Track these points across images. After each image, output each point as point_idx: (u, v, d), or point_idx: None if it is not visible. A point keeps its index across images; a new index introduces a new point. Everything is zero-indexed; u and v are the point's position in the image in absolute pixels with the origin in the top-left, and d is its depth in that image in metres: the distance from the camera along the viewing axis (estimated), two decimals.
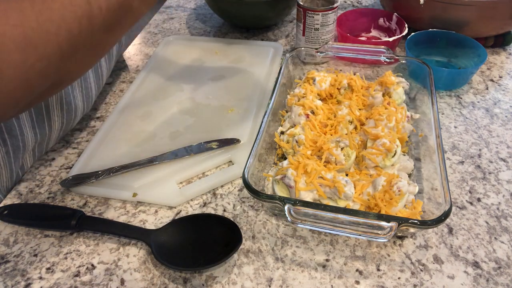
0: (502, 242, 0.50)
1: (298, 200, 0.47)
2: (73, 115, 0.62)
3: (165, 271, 0.48)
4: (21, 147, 0.56)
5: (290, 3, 0.85)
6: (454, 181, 0.57)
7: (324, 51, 0.68)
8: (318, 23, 0.75)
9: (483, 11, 0.74)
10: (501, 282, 0.46)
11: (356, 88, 0.65)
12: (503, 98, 0.71)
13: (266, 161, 0.57)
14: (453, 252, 0.49)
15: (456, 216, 0.53)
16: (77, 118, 0.64)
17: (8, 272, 0.48)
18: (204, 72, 0.78)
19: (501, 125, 0.66)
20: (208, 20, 0.98)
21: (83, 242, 0.51)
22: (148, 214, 0.54)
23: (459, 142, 0.63)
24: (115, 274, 0.48)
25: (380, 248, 0.49)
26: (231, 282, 0.47)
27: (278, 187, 0.51)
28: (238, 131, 0.64)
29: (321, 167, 0.51)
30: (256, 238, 0.51)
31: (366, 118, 0.60)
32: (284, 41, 0.89)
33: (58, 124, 0.60)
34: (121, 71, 0.81)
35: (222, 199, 0.56)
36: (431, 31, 0.78)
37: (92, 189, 0.56)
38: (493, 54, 0.82)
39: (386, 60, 0.66)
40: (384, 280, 0.46)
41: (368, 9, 0.90)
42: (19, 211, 0.54)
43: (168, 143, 0.63)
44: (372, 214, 0.45)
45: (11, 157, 0.55)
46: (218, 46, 0.86)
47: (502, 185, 0.57)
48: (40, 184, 0.58)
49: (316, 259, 0.49)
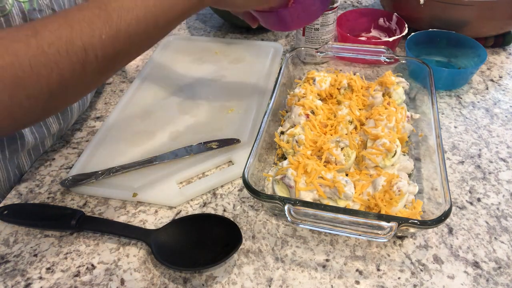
0: (502, 242, 0.50)
1: (298, 200, 0.47)
2: (70, 115, 0.62)
3: (165, 271, 0.48)
4: (19, 149, 0.56)
5: None
6: (454, 181, 0.57)
7: (324, 51, 0.68)
8: (318, 23, 0.75)
9: (483, 11, 0.74)
10: (501, 282, 0.46)
11: (356, 88, 0.65)
12: (503, 98, 0.71)
13: (266, 161, 0.57)
14: (453, 252, 0.49)
15: (456, 216, 0.53)
16: (74, 117, 0.64)
17: (8, 272, 0.48)
18: (204, 72, 0.78)
19: (501, 125, 0.66)
20: (208, 20, 0.98)
21: (83, 242, 0.51)
22: (148, 214, 0.54)
23: (459, 142, 0.63)
24: (115, 274, 0.48)
25: (380, 248, 0.49)
26: (231, 282, 0.47)
27: (278, 187, 0.51)
28: (238, 131, 0.64)
29: (321, 167, 0.51)
30: (256, 238, 0.51)
31: (366, 118, 0.60)
32: (284, 41, 0.89)
33: (56, 125, 0.60)
34: (121, 71, 0.81)
35: (222, 199, 0.56)
36: (431, 31, 0.78)
37: (92, 189, 0.56)
38: (493, 54, 0.82)
39: (386, 60, 0.66)
40: (384, 280, 0.46)
41: (368, 9, 0.90)
42: (19, 211, 0.54)
43: (168, 143, 0.63)
44: (372, 214, 0.45)
45: (6, 158, 0.55)
46: (218, 46, 0.86)
47: (502, 185, 0.57)
48: (40, 184, 0.58)
49: (316, 259, 0.49)
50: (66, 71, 0.36)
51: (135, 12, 0.39)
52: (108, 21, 0.38)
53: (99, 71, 0.39)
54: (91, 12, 0.38)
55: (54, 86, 0.36)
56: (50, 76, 0.35)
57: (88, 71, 0.38)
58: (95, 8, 0.38)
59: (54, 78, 0.36)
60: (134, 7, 0.39)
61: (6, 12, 0.46)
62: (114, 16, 0.38)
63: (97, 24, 0.37)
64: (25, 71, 0.34)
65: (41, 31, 0.35)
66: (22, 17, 0.48)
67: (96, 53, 0.37)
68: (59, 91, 0.38)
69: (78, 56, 0.36)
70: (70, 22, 0.36)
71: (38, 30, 0.35)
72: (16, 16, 0.48)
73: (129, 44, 0.40)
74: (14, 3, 0.47)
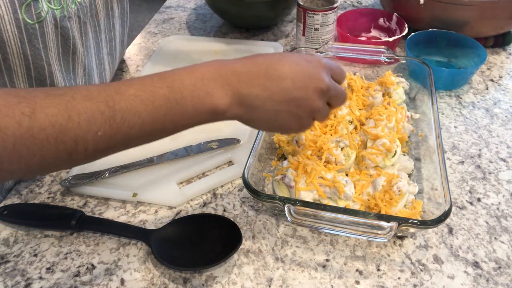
0: (502, 242, 0.50)
1: (298, 200, 0.47)
2: None
3: (165, 271, 0.48)
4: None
5: (290, 3, 0.85)
6: (454, 181, 0.57)
7: (324, 51, 0.68)
8: (318, 23, 0.75)
9: (483, 11, 0.74)
10: (501, 282, 0.46)
11: (356, 88, 0.65)
12: (503, 98, 0.71)
13: (266, 161, 0.57)
14: (453, 252, 0.49)
15: (456, 216, 0.53)
16: None
17: (8, 272, 0.48)
18: None
19: (501, 125, 0.66)
20: (208, 20, 0.98)
21: (83, 242, 0.51)
22: (148, 214, 0.54)
23: (459, 142, 0.63)
24: (115, 274, 0.48)
25: (380, 248, 0.49)
26: (231, 282, 0.47)
27: (278, 187, 0.51)
28: (238, 131, 0.64)
29: (321, 167, 0.51)
30: (256, 238, 0.51)
31: (366, 118, 0.60)
32: (284, 41, 0.89)
33: None
34: (121, 71, 0.81)
35: (222, 199, 0.56)
36: (431, 31, 0.78)
37: (92, 189, 0.56)
38: (493, 54, 0.82)
39: (386, 60, 0.66)
40: (384, 280, 0.46)
41: (368, 9, 0.90)
42: (19, 211, 0.54)
43: (168, 143, 0.63)
44: (372, 214, 0.45)
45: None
46: (218, 46, 0.86)
47: (502, 185, 0.57)
48: (40, 184, 0.58)
49: (316, 259, 0.49)
50: (50, 158, 0.34)
51: (142, 117, 0.36)
52: (110, 121, 0.35)
53: (86, 160, 0.37)
54: (96, 106, 0.34)
55: (34, 167, 0.34)
56: (32, 159, 0.33)
57: (74, 159, 0.35)
58: (101, 103, 0.35)
59: (35, 161, 0.33)
60: (143, 112, 0.36)
61: (41, 19, 0.48)
62: (118, 117, 0.35)
63: (97, 121, 0.34)
64: (7, 149, 0.31)
65: (38, 111, 0.32)
66: (54, 24, 0.50)
67: (87, 147, 0.35)
68: (39, 170, 0.35)
69: (67, 146, 0.34)
70: (70, 111, 0.33)
71: (36, 110, 0.32)
72: (49, 23, 0.49)
73: (125, 143, 0.37)
74: (49, 10, 0.48)
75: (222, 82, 0.39)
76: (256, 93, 0.40)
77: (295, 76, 0.41)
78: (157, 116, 0.37)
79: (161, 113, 0.37)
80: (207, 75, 0.39)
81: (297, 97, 0.41)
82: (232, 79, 0.40)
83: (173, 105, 0.37)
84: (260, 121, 0.42)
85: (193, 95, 0.38)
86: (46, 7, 0.48)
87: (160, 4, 1.06)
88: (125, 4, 0.69)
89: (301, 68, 0.41)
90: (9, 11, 0.45)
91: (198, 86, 0.38)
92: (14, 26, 0.46)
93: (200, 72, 0.39)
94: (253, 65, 0.41)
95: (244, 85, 0.40)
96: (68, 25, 0.52)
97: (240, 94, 0.39)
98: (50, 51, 0.51)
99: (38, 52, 0.49)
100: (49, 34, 0.49)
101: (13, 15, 0.45)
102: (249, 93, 0.40)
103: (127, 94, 0.36)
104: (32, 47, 0.48)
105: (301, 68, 0.41)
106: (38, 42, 0.49)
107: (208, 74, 0.39)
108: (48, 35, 0.49)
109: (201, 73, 0.39)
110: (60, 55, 0.53)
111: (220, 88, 0.39)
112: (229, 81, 0.39)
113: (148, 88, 0.37)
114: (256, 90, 0.40)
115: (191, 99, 0.38)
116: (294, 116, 0.42)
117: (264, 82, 0.40)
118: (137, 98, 0.36)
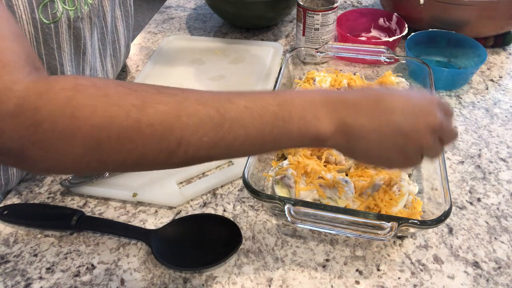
0: (502, 242, 0.50)
1: (298, 200, 0.47)
2: None
3: (165, 271, 0.48)
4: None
5: (290, 3, 0.85)
6: (454, 181, 0.57)
7: (324, 51, 0.68)
8: (318, 23, 0.75)
9: (483, 11, 0.74)
10: (501, 282, 0.46)
11: (356, 88, 0.65)
12: (503, 98, 0.71)
13: (266, 161, 0.57)
14: (453, 252, 0.49)
15: (456, 216, 0.53)
16: None
17: (8, 272, 0.48)
18: (204, 72, 0.78)
19: (501, 125, 0.66)
20: (208, 20, 0.98)
21: (83, 242, 0.51)
22: (148, 214, 0.54)
23: (459, 142, 0.63)
24: (115, 274, 0.48)
25: (380, 248, 0.49)
26: (231, 282, 0.47)
27: (278, 187, 0.51)
28: None
29: (321, 167, 0.51)
30: (256, 238, 0.51)
31: None
32: (284, 41, 0.89)
33: None
34: (121, 71, 0.81)
35: (222, 199, 0.56)
36: (431, 31, 0.78)
37: (92, 189, 0.56)
38: (493, 54, 0.82)
39: (386, 60, 0.66)
40: (384, 280, 0.46)
41: (368, 9, 0.90)
42: (19, 211, 0.54)
43: None
44: (372, 214, 0.45)
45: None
46: (218, 46, 0.86)
47: (502, 185, 0.57)
48: (40, 184, 0.58)
49: (316, 259, 0.49)
50: (150, 155, 0.33)
51: (248, 130, 0.35)
52: (217, 128, 0.34)
53: (180, 165, 0.36)
54: (206, 111, 0.34)
55: (130, 163, 0.33)
56: (131, 153, 0.32)
57: (170, 161, 0.35)
58: (212, 109, 0.34)
59: (133, 156, 0.33)
60: (249, 125, 0.35)
61: (57, 19, 0.49)
62: (226, 126, 0.34)
63: (205, 126, 0.34)
64: (110, 139, 0.31)
65: (148, 106, 0.32)
66: (68, 24, 0.51)
67: (187, 150, 0.34)
68: (133, 167, 0.35)
69: (169, 146, 0.33)
70: (181, 111, 0.33)
71: (146, 104, 0.32)
72: (64, 23, 0.50)
73: (225, 153, 0.37)
74: (63, 11, 0.49)
75: (329, 108, 0.38)
76: (362, 123, 0.38)
77: (406, 109, 0.38)
78: (262, 132, 0.36)
79: (266, 129, 0.36)
80: (317, 99, 0.38)
81: (406, 131, 0.38)
82: (339, 107, 0.38)
83: (280, 123, 0.36)
84: (362, 152, 0.40)
85: (301, 117, 0.37)
86: (61, 7, 0.49)
87: (160, 4, 1.06)
88: (128, 6, 0.70)
89: (412, 102, 0.39)
90: (27, 10, 0.46)
91: (307, 108, 0.37)
92: (31, 26, 0.47)
93: (310, 95, 0.38)
94: (362, 95, 0.39)
95: (351, 114, 0.38)
96: (80, 26, 0.53)
97: (345, 123, 0.38)
98: (63, 51, 0.52)
99: (52, 52, 0.51)
100: (63, 34, 0.51)
101: (30, 15, 0.46)
102: (354, 122, 0.38)
103: (238, 105, 0.35)
104: (46, 47, 0.50)
105: (413, 103, 0.39)
106: (53, 42, 0.50)
107: (318, 99, 0.38)
108: (62, 35, 0.50)
109: (311, 96, 0.38)
110: (72, 56, 0.54)
111: (326, 114, 0.37)
112: (336, 108, 0.38)
113: (258, 102, 0.36)
114: (362, 120, 0.38)
115: (298, 120, 0.37)
116: (400, 151, 0.39)
117: (372, 112, 0.38)
118: (247, 110, 0.35)
